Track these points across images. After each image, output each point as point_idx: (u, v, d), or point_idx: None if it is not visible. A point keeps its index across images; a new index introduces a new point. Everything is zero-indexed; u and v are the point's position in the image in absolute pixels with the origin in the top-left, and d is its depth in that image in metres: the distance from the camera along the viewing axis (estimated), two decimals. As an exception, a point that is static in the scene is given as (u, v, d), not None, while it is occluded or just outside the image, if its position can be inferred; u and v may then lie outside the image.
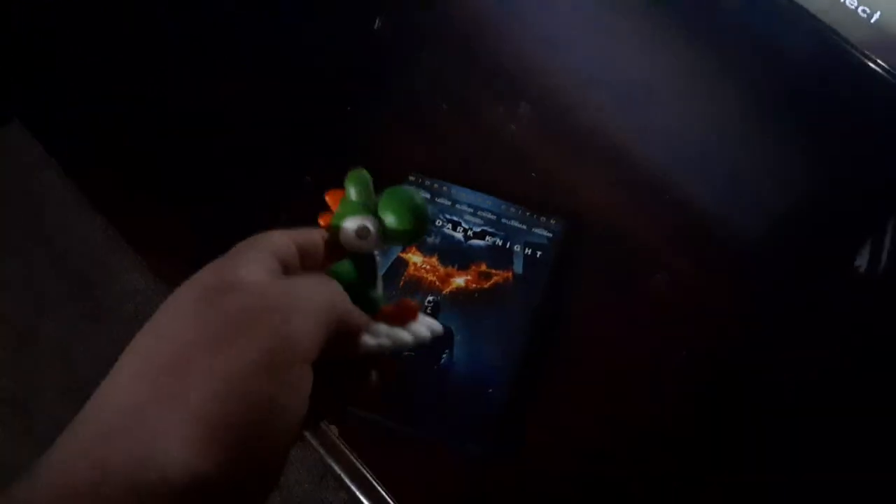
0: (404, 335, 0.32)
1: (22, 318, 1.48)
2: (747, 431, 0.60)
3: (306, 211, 0.69)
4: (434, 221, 0.67)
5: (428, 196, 0.67)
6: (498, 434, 0.59)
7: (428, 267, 0.65)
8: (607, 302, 0.66)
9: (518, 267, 0.65)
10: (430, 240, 0.66)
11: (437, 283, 0.64)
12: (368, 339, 0.31)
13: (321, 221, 0.34)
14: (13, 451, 1.37)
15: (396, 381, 0.35)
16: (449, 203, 0.67)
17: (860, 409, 0.59)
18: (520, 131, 0.73)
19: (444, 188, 0.68)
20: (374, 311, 0.33)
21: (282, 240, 0.31)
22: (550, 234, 0.66)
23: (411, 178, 0.68)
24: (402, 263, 0.65)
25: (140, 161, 0.73)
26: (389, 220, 0.32)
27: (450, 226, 0.67)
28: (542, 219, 0.67)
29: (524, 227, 0.67)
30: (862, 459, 0.57)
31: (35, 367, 1.44)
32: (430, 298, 0.64)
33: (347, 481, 0.60)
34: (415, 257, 0.65)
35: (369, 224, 0.32)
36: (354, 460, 0.60)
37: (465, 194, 0.68)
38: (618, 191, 0.70)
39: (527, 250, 0.66)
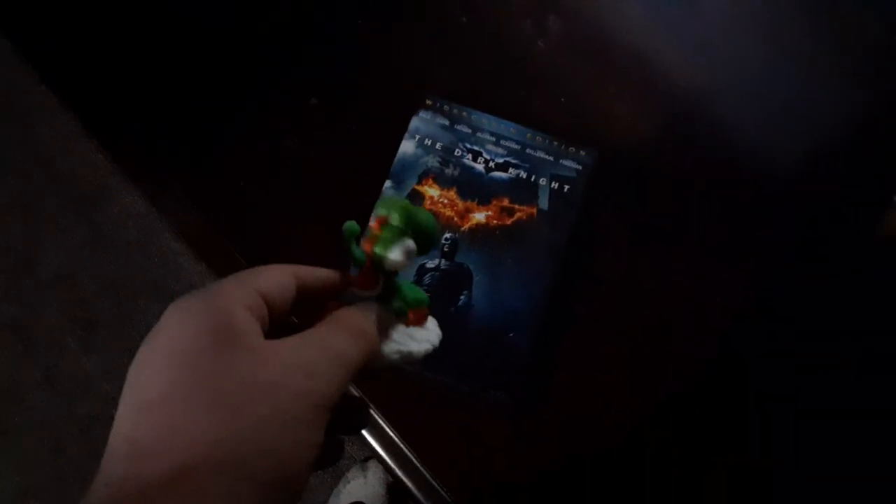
0: (414, 346, 0.34)
1: (22, 243, 1.44)
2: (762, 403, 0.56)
3: (312, 134, 0.64)
4: (453, 151, 0.61)
5: (446, 123, 0.61)
6: (521, 382, 0.56)
7: (446, 201, 0.59)
8: (637, 241, 0.60)
9: (543, 202, 0.59)
10: (448, 171, 0.60)
11: (456, 218, 0.59)
12: (388, 352, 0.33)
13: (366, 246, 0.33)
14: (14, 375, 1.36)
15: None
16: (469, 131, 0.61)
17: (868, 406, 0.55)
18: (548, 49, 0.65)
19: (464, 114, 0.62)
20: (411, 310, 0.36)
21: (279, 278, 0.30)
22: (579, 167, 0.60)
23: (428, 101, 0.62)
24: (418, 196, 0.59)
25: (135, 84, 0.67)
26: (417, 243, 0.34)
27: (470, 156, 0.61)
28: (571, 149, 0.61)
29: (550, 158, 0.60)
30: (866, 457, 0.54)
31: (37, 292, 1.41)
32: (447, 236, 0.59)
33: (365, 434, 0.57)
34: (432, 190, 0.60)
35: (413, 246, 0.34)
36: (372, 412, 0.57)
37: (486, 121, 0.61)
38: (653, 119, 0.64)
39: (553, 184, 0.60)
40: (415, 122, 0.61)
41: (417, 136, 0.61)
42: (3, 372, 1.37)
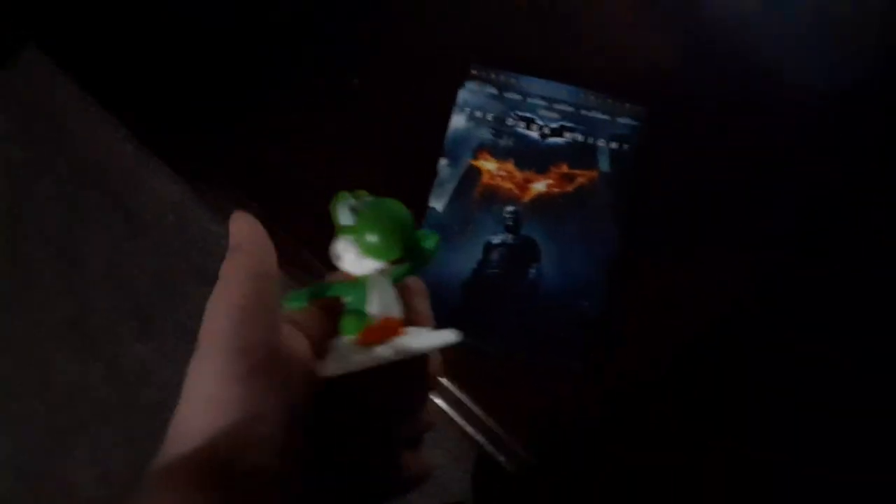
0: (382, 350, 0.28)
1: (66, 239, 1.46)
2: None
3: (354, 116, 0.62)
4: (504, 120, 0.59)
5: (495, 92, 0.59)
6: (596, 348, 0.55)
7: (504, 174, 0.58)
8: (701, 194, 0.59)
9: (604, 164, 0.58)
10: (502, 142, 0.59)
11: (516, 190, 0.58)
12: (329, 363, 0.28)
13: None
14: (78, 370, 1.40)
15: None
16: (519, 97, 0.59)
17: (867, 401, 0.54)
18: (591, 2, 0.63)
19: (513, 80, 0.60)
20: (360, 326, 0.29)
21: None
22: (636, 123, 0.58)
23: (474, 72, 0.60)
24: (475, 172, 0.58)
25: (164, 64, 0.65)
26: (367, 238, 0.29)
27: (523, 124, 0.59)
28: (626, 105, 0.59)
29: (607, 117, 0.59)
30: (863, 452, 0.53)
31: (87, 287, 1.43)
32: (509, 209, 0.58)
33: (442, 404, 0.57)
34: (488, 164, 0.58)
35: (339, 247, 0.30)
36: (448, 385, 0.57)
37: (536, 85, 0.59)
38: (705, 66, 0.61)
39: (612, 144, 0.58)
40: (462, 95, 0.60)
41: (467, 109, 0.59)
42: (67, 368, 1.40)
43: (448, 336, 0.29)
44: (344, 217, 0.30)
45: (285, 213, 0.60)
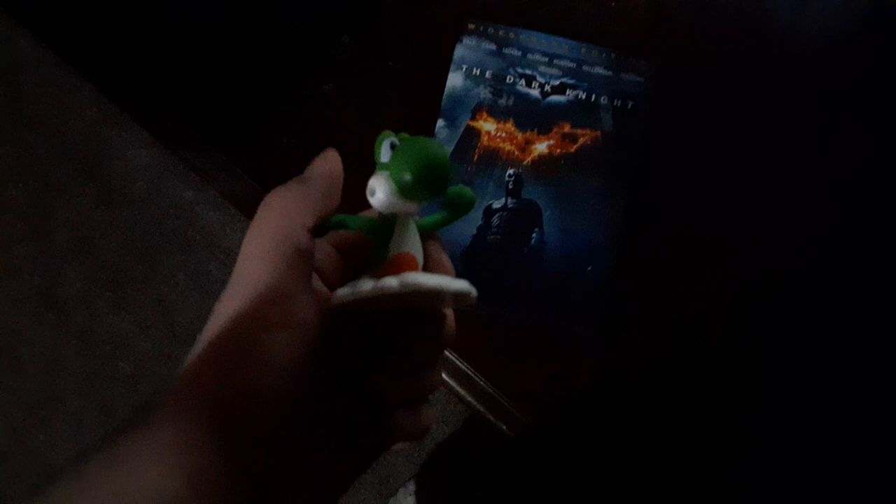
0: (388, 281, 0.26)
1: (35, 209, 1.40)
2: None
3: (345, 74, 0.59)
4: (504, 78, 0.56)
5: (493, 47, 0.56)
6: (604, 314, 0.54)
7: (504, 134, 0.56)
8: (710, 153, 0.57)
9: (607, 123, 0.56)
10: (502, 101, 0.56)
11: (517, 152, 0.55)
12: (341, 292, 0.28)
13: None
14: (54, 345, 1.36)
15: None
16: (519, 53, 0.56)
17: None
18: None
19: (511, 35, 0.57)
20: (376, 265, 0.30)
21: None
22: (640, 79, 0.56)
23: (471, 26, 0.57)
24: (473, 133, 0.55)
25: (141, 24, 0.61)
26: (403, 176, 0.29)
27: (523, 81, 0.56)
28: (631, 60, 0.56)
29: (610, 73, 0.56)
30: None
31: (57, 259, 1.38)
32: (510, 172, 0.55)
33: (447, 377, 0.56)
34: (487, 124, 0.56)
35: (374, 182, 0.29)
36: (449, 355, 0.55)
37: (536, 39, 0.57)
38: (715, 19, 0.59)
39: (616, 102, 0.56)
40: (459, 51, 0.56)
41: (464, 67, 0.56)
42: (40, 342, 1.36)
43: (460, 284, 0.27)
44: (384, 154, 0.29)
45: (273, 176, 0.57)
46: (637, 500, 0.55)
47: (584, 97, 0.56)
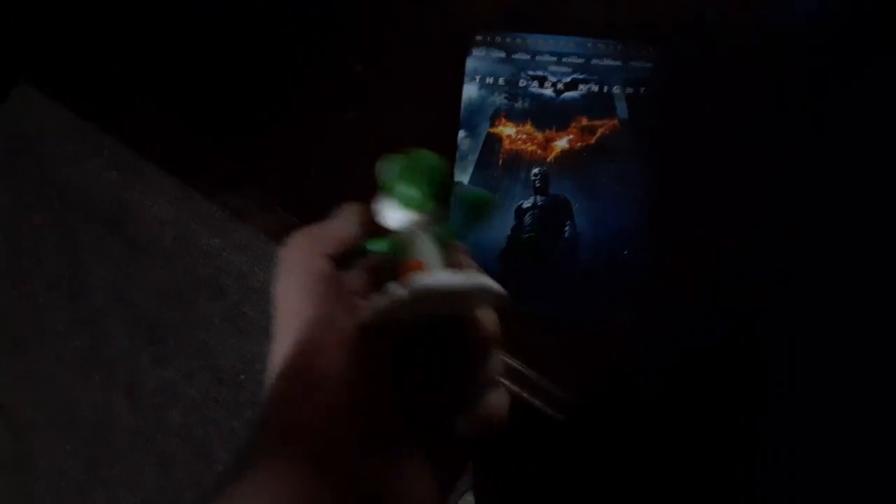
0: (394, 287, 0.27)
1: (69, 272, 1.44)
2: None
3: (364, 103, 0.61)
4: (517, 82, 0.58)
5: (503, 55, 0.58)
6: (646, 298, 0.55)
7: (524, 136, 0.57)
8: (732, 127, 0.58)
9: (622, 111, 0.57)
10: (518, 105, 0.58)
11: (539, 151, 0.57)
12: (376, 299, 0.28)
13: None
14: (104, 403, 1.39)
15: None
16: (528, 57, 0.58)
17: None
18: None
19: (519, 40, 0.59)
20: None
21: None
22: (650, 64, 0.58)
23: (478, 38, 0.59)
24: (495, 140, 0.57)
25: (151, 65, 0.63)
26: (400, 188, 0.31)
27: (535, 83, 0.58)
28: (638, 48, 0.58)
29: (619, 63, 0.58)
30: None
31: (96, 317, 1.42)
32: (535, 171, 0.57)
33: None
34: (507, 129, 0.57)
35: (379, 204, 0.32)
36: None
37: (543, 41, 0.59)
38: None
39: (628, 89, 0.57)
40: (471, 63, 0.59)
41: (478, 77, 0.58)
42: (89, 402, 1.39)
43: (474, 279, 0.28)
44: (383, 173, 0.31)
45: (307, 208, 0.59)
46: (636, 499, 0.56)
47: (596, 90, 0.57)
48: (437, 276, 0.27)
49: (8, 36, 0.66)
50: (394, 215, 0.31)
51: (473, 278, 0.27)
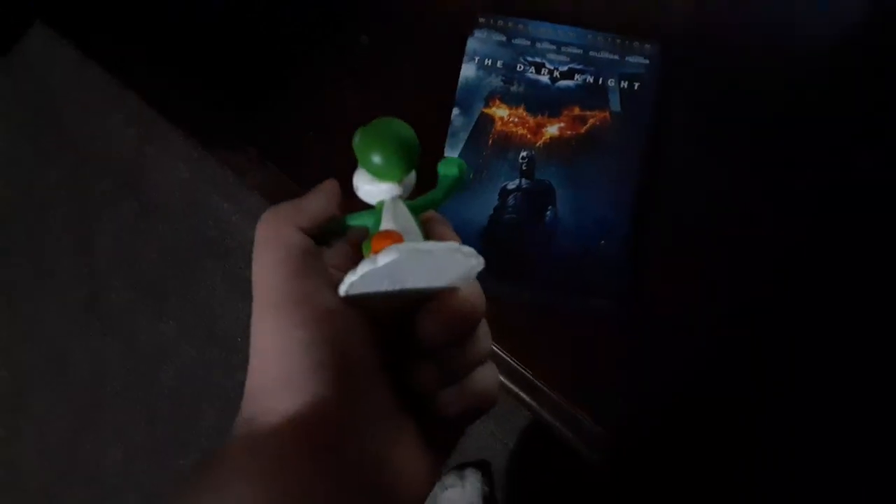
0: (365, 263, 0.26)
1: (80, 225, 1.47)
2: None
3: (365, 74, 0.63)
4: (514, 67, 0.59)
5: (503, 39, 0.60)
6: (620, 286, 0.56)
7: (516, 119, 0.59)
8: (718, 130, 0.59)
9: (615, 104, 0.58)
10: (514, 88, 0.59)
11: (529, 135, 0.58)
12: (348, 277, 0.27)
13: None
14: (100, 352, 1.42)
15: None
16: (528, 43, 0.60)
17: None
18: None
19: (520, 26, 0.60)
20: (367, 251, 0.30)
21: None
22: (646, 61, 0.59)
23: (481, 20, 0.60)
24: (487, 120, 0.59)
25: (169, 30, 0.65)
26: (368, 157, 0.30)
27: (532, 69, 0.59)
28: (635, 44, 0.59)
29: (616, 57, 0.59)
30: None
31: (102, 269, 1.45)
32: (523, 154, 0.58)
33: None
34: (500, 111, 0.59)
35: (355, 177, 0.32)
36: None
37: (544, 29, 0.60)
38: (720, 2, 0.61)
39: (622, 83, 0.58)
40: (471, 44, 0.60)
41: (476, 58, 0.60)
42: (86, 350, 1.42)
43: (452, 246, 0.26)
44: (355, 144, 0.31)
45: (300, 167, 0.61)
46: (635, 499, 0.57)
47: (591, 81, 0.59)
48: (415, 245, 0.26)
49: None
50: (370, 188, 0.31)
51: (451, 246, 0.26)
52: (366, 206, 0.32)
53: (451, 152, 0.58)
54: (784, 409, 0.55)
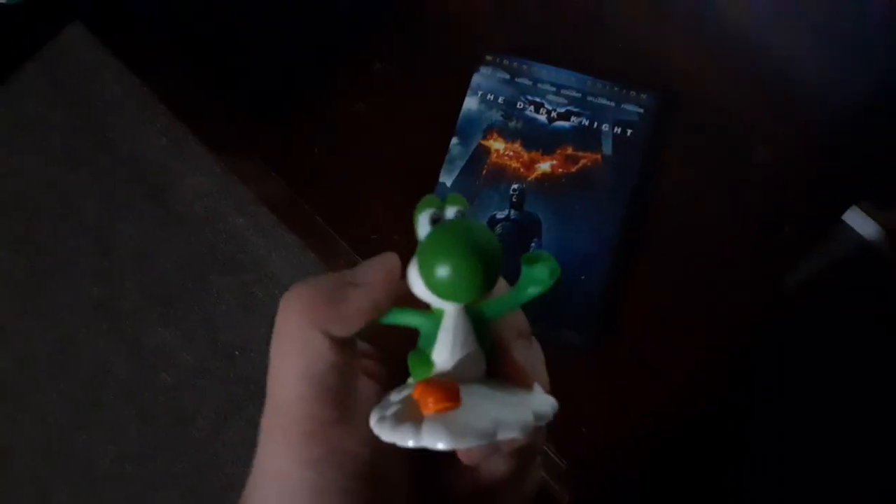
0: (405, 430, 0.21)
1: (102, 226, 1.52)
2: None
3: (375, 98, 0.66)
4: (515, 104, 0.62)
5: (507, 77, 0.63)
6: (595, 322, 0.58)
7: (511, 153, 0.61)
8: (704, 182, 0.61)
9: (607, 148, 0.61)
10: (512, 124, 0.62)
11: (522, 169, 0.61)
12: (374, 412, 0.23)
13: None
14: (104, 352, 1.45)
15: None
16: (530, 83, 0.63)
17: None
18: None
19: (524, 67, 0.63)
20: (424, 375, 0.24)
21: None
22: (641, 110, 0.61)
23: (488, 58, 0.63)
24: (484, 151, 0.62)
25: (200, 53, 0.70)
26: (433, 271, 0.23)
27: (532, 107, 0.62)
28: (632, 93, 0.62)
29: (612, 103, 0.62)
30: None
31: (116, 271, 1.49)
32: (514, 187, 0.61)
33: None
34: (497, 144, 0.62)
35: (410, 270, 0.24)
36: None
37: (546, 72, 0.63)
38: (712, 58, 0.64)
39: (616, 129, 0.61)
40: (476, 79, 0.63)
41: (480, 92, 0.63)
42: (91, 348, 1.45)
43: (538, 407, 0.22)
44: (422, 228, 0.24)
45: (303, 179, 0.64)
46: None
47: (586, 124, 0.61)
48: (463, 426, 0.20)
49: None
50: (420, 293, 0.24)
51: (522, 424, 0.21)
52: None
53: (447, 177, 0.61)
54: (759, 455, 0.56)
